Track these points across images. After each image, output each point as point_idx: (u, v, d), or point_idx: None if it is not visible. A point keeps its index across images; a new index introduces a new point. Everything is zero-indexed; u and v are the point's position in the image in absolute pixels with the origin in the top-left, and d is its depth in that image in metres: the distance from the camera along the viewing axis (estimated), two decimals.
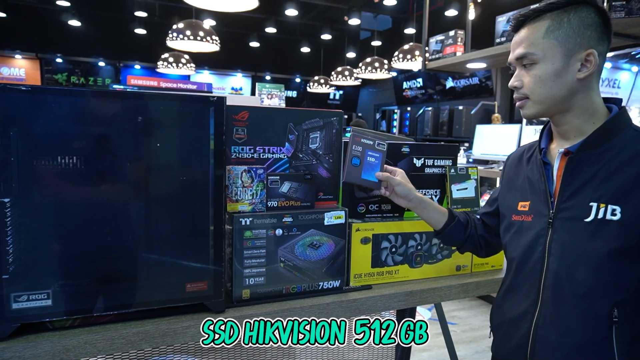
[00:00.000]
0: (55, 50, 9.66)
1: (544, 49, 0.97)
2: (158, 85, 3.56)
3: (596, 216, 0.93)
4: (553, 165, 1.06)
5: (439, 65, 4.03)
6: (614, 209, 0.91)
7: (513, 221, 1.12)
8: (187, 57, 7.67)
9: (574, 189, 0.99)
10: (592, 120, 1.00)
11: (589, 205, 0.95)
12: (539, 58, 0.98)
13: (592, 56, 0.95)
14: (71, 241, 0.97)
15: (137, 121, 1.01)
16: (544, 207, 1.04)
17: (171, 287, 1.06)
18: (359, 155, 1.24)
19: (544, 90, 0.99)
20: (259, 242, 1.17)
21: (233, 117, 1.19)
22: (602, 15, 0.97)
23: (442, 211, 1.28)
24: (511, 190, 1.17)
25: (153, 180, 1.03)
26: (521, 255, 1.07)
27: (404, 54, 6.28)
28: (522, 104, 1.04)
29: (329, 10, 8.82)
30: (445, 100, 8.51)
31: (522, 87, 1.02)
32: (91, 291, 0.99)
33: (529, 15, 1.00)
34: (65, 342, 0.96)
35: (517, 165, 1.18)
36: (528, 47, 0.99)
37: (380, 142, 1.28)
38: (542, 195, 1.05)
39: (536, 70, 0.99)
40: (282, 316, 1.15)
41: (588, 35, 0.96)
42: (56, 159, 0.94)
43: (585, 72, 0.96)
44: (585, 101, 1.00)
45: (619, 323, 0.91)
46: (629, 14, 2.45)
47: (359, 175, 1.24)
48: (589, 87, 0.99)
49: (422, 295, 1.35)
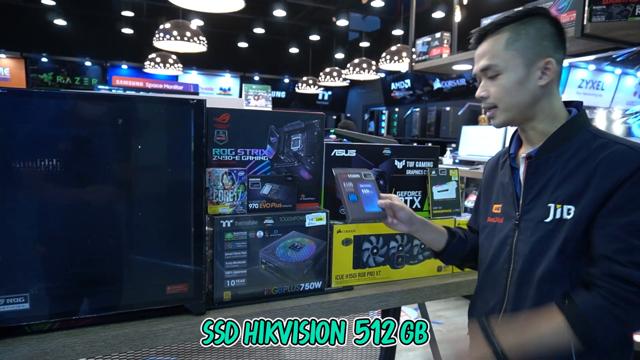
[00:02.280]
0: (40, 50, 9.52)
1: (506, 60, 1.02)
2: (144, 86, 3.53)
3: (554, 216, 0.99)
4: (520, 169, 1.10)
5: (426, 66, 4.06)
6: (569, 209, 0.97)
7: (487, 223, 1.18)
8: (175, 57, 7.62)
9: (536, 191, 1.04)
10: (555, 124, 1.05)
11: (547, 206, 1.00)
12: (502, 69, 1.03)
13: (550, 64, 1.01)
14: (50, 244, 0.97)
15: (117, 124, 1.01)
16: (512, 210, 1.09)
17: (151, 290, 1.06)
18: (353, 190, 1.19)
19: (510, 98, 1.04)
20: (240, 244, 1.17)
21: (214, 119, 1.19)
22: (556, 25, 1.03)
23: (441, 230, 1.25)
24: (487, 193, 1.22)
25: (133, 183, 1.03)
26: (492, 256, 1.13)
27: (392, 55, 6.31)
28: (492, 113, 1.08)
29: (317, 11, 8.82)
30: (433, 101, 8.57)
31: (488, 96, 1.07)
32: (70, 294, 0.99)
33: (489, 29, 1.05)
34: (44, 346, 0.95)
35: (494, 170, 1.23)
36: (491, 59, 1.04)
37: (365, 173, 1.25)
38: (510, 198, 1.11)
39: (500, 81, 1.04)
40: (263, 318, 1.16)
41: (545, 45, 1.02)
42: (35, 161, 0.93)
43: (546, 80, 1.02)
44: (547, 106, 1.05)
45: None
46: (609, 17, 2.49)
47: (363, 210, 1.17)
48: (550, 93, 1.04)
49: (403, 295, 1.37)
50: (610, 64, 5.15)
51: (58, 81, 9.78)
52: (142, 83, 3.56)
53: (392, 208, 1.17)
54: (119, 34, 9.25)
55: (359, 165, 1.41)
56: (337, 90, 12.08)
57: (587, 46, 2.96)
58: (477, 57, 1.08)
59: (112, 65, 10.23)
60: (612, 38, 2.73)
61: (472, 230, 1.32)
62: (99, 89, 3.00)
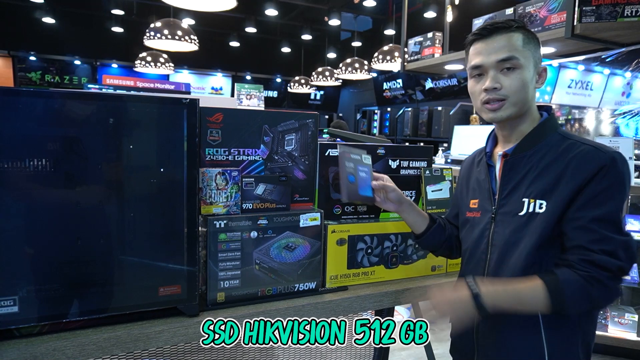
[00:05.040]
0: (28, 48, 9.40)
1: (525, 56, 1.09)
2: (134, 85, 3.50)
3: (528, 210, 1.07)
4: (496, 167, 1.18)
5: (418, 66, 4.08)
6: (541, 203, 1.05)
7: (467, 218, 1.25)
8: (166, 56, 7.57)
9: (511, 187, 1.12)
10: (532, 125, 1.13)
11: (522, 201, 1.08)
12: (522, 64, 1.08)
13: (545, 71, 1.13)
14: (39, 245, 0.95)
15: (109, 123, 0.99)
16: (488, 204, 1.17)
17: (144, 291, 1.05)
18: (352, 172, 1.23)
19: (522, 93, 1.09)
20: (234, 244, 1.16)
21: (207, 119, 1.18)
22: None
23: (424, 214, 1.33)
24: (464, 190, 1.29)
25: (125, 183, 1.01)
26: (471, 248, 1.20)
27: (384, 55, 6.32)
28: (500, 105, 1.09)
29: (309, 10, 8.81)
30: (425, 101, 8.60)
31: (501, 88, 1.08)
32: (61, 297, 0.97)
33: (501, 25, 1.10)
34: (33, 350, 0.93)
35: (470, 168, 1.30)
36: (513, 52, 1.08)
37: (365, 156, 1.29)
38: (487, 194, 1.18)
39: (519, 74, 1.08)
40: (263, 318, 1.15)
41: (540, 54, 1.13)
42: (24, 161, 0.91)
43: (540, 84, 1.13)
44: (532, 108, 1.14)
45: None
46: (598, 18, 2.52)
47: (357, 192, 1.23)
48: (534, 97, 1.14)
49: (397, 295, 1.37)
50: (599, 64, 5.21)
51: (47, 80, 9.66)
52: (133, 82, 3.53)
53: (385, 189, 1.27)
54: (109, 33, 9.16)
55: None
56: (329, 90, 12.08)
57: (577, 46, 2.99)
58: (488, 50, 1.09)
59: (102, 64, 10.13)
60: (601, 39, 2.76)
61: (452, 224, 1.37)
62: (89, 88, 2.96)
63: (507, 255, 1.09)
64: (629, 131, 4.71)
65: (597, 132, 5.23)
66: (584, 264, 0.98)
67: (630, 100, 5.45)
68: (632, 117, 4.48)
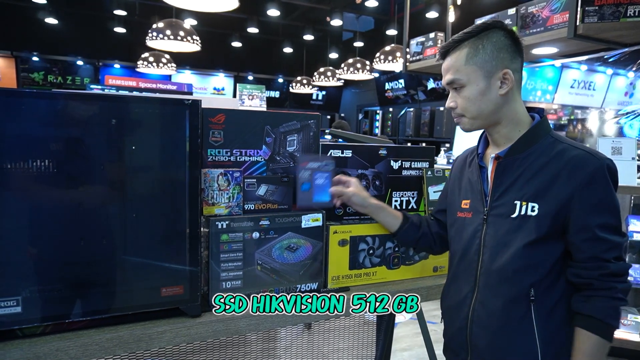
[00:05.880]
0: (31, 49, 9.42)
1: (468, 73, 1.11)
2: (137, 86, 3.51)
3: (519, 212, 1.08)
4: (487, 168, 1.19)
5: (420, 67, 4.07)
6: (533, 206, 1.07)
7: (457, 217, 1.25)
8: (168, 56, 7.57)
9: (503, 189, 1.13)
10: (518, 128, 1.14)
11: (514, 203, 1.10)
12: (465, 82, 1.12)
13: (508, 75, 1.10)
14: (43, 246, 0.95)
15: (111, 124, 0.99)
16: (480, 205, 1.17)
17: (146, 292, 1.05)
18: (308, 179, 1.28)
19: (474, 108, 1.13)
20: (236, 245, 1.16)
21: (209, 119, 1.18)
22: (512, 37, 1.12)
23: (396, 215, 1.36)
24: (456, 189, 1.29)
25: (127, 184, 1.02)
26: (462, 249, 1.20)
27: (386, 55, 6.31)
28: (458, 120, 1.18)
29: (311, 10, 8.81)
30: (427, 101, 8.59)
31: (456, 107, 1.15)
32: (63, 297, 0.97)
33: (450, 46, 1.14)
34: (36, 350, 0.94)
35: (462, 167, 1.30)
36: (454, 74, 1.13)
37: (327, 162, 1.32)
38: (479, 195, 1.19)
39: (465, 93, 1.13)
40: (258, 320, 1.15)
41: (502, 57, 1.11)
42: (27, 162, 0.92)
43: (505, 89, 1.11)
44: (510, 113, 1.14)
45: (536, 300, 1.06)
46: (601, 19, 2.51)
47: (311, 199, 1.28)
48: (512, 100, 1.13)
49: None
50: (602, 64, 5.20)
51: (49, 81, 9.68)
52: (135, 83, 3.54)
53: (344, 195, 1.31)
54: (111, 33, 9.18)
55: (356, 166, 1.41)
56: (331, 90, 12.08)
57: (580, 47, 2.98)
58: (443, 71, 1.16)
59: (105, 65, 10.15)
60: (604, 39, 2.75)
61: (437, 220, 1.39)
62: (92, 88, 2.97)
63: (498, 256, 1.10)
64: (632, 131, 4.69)
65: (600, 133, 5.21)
66: (604, 279, 1.02)
67: (633, 101, 5.44)
68: (636, 117, 4.47)
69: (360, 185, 1.35)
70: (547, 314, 1.07)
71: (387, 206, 1.37)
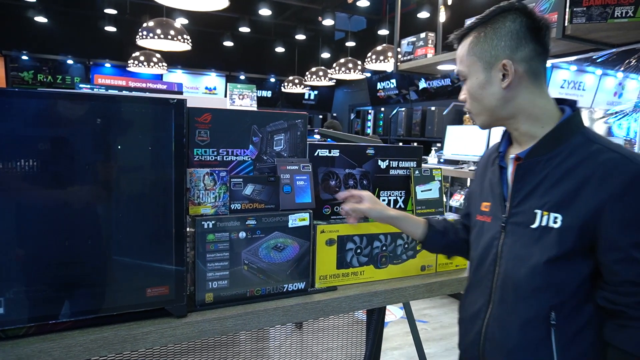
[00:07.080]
0: (21, 48, 9.32)
1: (469, 65, 1.03)
2: (127, 85, 3.48)
3: (540, 223, 0.95)
4: (508, 170, 1.08)
5: (411, 66, 4.08)
6: (555, 217, 0.93)
7: (477, 221, 1.15)
8: (159, 56, 7.52)
9: (523, 195, 1.00)
10: (540, 124, 1.00)
11: (534, 212, 0.96)
12: (467, 74, 1.04)
13: (507, 66, 0.97)
14: (26, 246, 0.94)
15: (96, 124, 0.99)
16: (499, 211, 1.06)
17: (131, 292, 1.04)
18: (289, 182, 1.28)
19: (476, 103, 1.04)
20: (222, 245, 1.16)
21: (196, 119, 1.18)
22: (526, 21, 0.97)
23: (419, 223, 1.27)
24: (478, 189, 1.19)
25: (112, 184, 1.01)
26: (479, 256, 1.11)
27: (377, 55, 6.32)
28: (471, 116, 1.09)
29: (303, 10, 8.80)
30: (419, 101, 8.62)
31: (465, 101, 1.08)
32: (47, 298, 0.96)
33: (461, 33, 1.05)
34: (19, 352, 0.93)
35: (486, 165, 1.18)
36: (459, 65, 1.05)
37: (304, 165, 1.32)
38: (498, 199, 1.07)
39: (467, 86, 1.05)
40: (245, 319, 1.15)
41: (502, 46, 0.97)
42: (12, 161, 0.91)
43: (507, 81, 0.98)
44: (525, 106, 1.00)
45: (557, 325, 0.93)
46: (589, 19, 2.53)
47: (293, 201, 1.28)
48: (524, 93, 0.99)
49: (387, 295, 1.37)
50: (591, 64, 5.24)
51: (39, 80, 9.59)
52: (125, 82, 3.51)
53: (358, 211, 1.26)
54: (101, 32, 9.11)
55: (343, 165, 1.41)
56: (323, 90, 12.07)
57: (569, 47, 3.00)
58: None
59: (95, 64, 10.06)
60: (592, 39, 2.78)
61: (464, 226, 1.29)
62: (81, 88, 2.94)
63: (515, 270, 0.99)
64: (620, 131, 4.73)
65: None
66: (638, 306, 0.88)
67: (622, 101, 5.49)
68: (624, 117, 4.51)
69: (374, 198, 1.28)
70: (570, 341, 0.93)
71: (408, 215, 1.28)
